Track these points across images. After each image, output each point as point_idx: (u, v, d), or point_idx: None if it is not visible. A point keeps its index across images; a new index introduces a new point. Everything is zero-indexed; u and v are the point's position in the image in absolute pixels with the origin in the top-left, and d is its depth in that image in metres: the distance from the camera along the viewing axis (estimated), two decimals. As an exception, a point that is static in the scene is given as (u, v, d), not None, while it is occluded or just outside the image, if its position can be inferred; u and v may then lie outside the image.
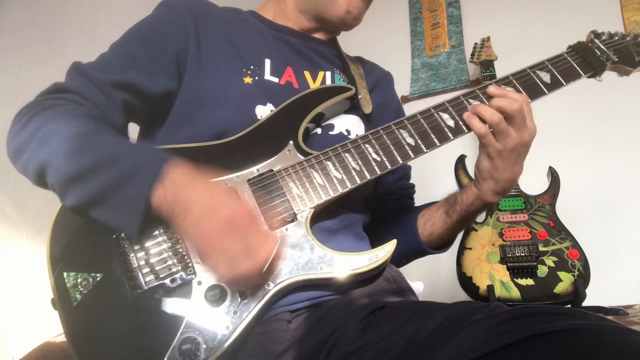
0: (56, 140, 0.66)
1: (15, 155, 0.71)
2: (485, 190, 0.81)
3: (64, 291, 0.64)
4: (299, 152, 0.77)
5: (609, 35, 0.94)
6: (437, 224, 0.89)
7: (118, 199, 0.63)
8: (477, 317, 0.52)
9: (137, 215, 0.63)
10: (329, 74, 0.93)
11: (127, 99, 0.77)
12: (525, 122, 0.76)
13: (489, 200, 0.82)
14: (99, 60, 0.80)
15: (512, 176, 0.78)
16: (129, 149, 0.67)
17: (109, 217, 0.65)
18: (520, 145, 0.76)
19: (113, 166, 0.63)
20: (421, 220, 0.91)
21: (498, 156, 0.77)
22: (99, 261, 0.67)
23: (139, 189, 0.62)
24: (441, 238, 0.90)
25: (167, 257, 0.68)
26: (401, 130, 0.79)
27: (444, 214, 0.88)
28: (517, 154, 0.77)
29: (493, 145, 0.76)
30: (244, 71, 0.84)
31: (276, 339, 0.69)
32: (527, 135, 0.76)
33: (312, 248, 0.70)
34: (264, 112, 0.81)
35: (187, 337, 0.63)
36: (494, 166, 0.78)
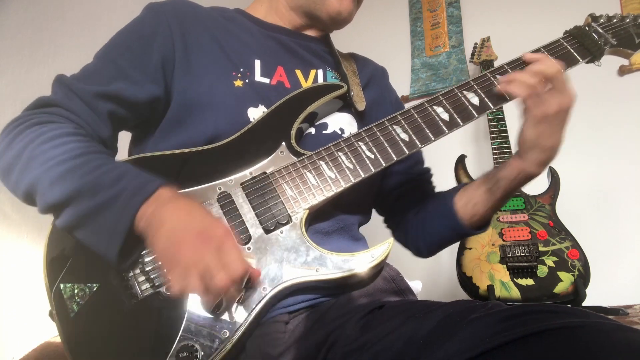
0: (42, 164, 0.65)
1: (3, 176, 0.71)
2: (531, 160, 0.78)
3: (62, 302, 0.65)
4: (292, 153, 0.77)
5: (607, 18, 0.92)
6: (480, 204, 0.86)
7: (97, 226, 0.63)
8: (475, 316, 0.53)
9: (116, 243, 0.62)
10: (320, 72, 0.92)
11: (112, 108, 0.77)
12: (565, 86, 0.75)
13: (533, 172, 0.80)
14: (82, 72, 0.79)
15: (557, 143, 0.77)
16: (115, 175, 0.65)
17: (90, 242, 0.65)
18: (563, 110, 0.74)
19: (96, 193, 0.63)
20: (460, 203, 0.89)
21: (543, 121, 0.74)
22: (95, 271, 0.67)
23: (119, 216, 0.62)
24: (484, 217, 0.88)
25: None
26: (394, 126, 0.78)
27: (486, 193, 0.85)
28: (561, 119, 0.75)
29: (536, 109, 0.75)
30: (234, 74, 0.83)
31: (274, 341, 0.69)
32: (567, 99, 0.75)
33: (307, 250, 0.70)
34: (256, 114, 0.80)
35: (185, 344, 0.63)
36: (539, 132, 0.75)
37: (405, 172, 0.98)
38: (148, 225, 0.62)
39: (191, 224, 0.61)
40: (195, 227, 0.60)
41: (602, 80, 2.06)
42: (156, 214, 0.62)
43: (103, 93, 0.76)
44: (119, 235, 0.62)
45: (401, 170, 0.98)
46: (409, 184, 0.99)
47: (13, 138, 0.70)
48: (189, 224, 0.61)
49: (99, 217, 0.63)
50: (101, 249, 0.64)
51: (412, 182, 0.99)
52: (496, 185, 0.83)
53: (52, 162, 0.65)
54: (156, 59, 0.79)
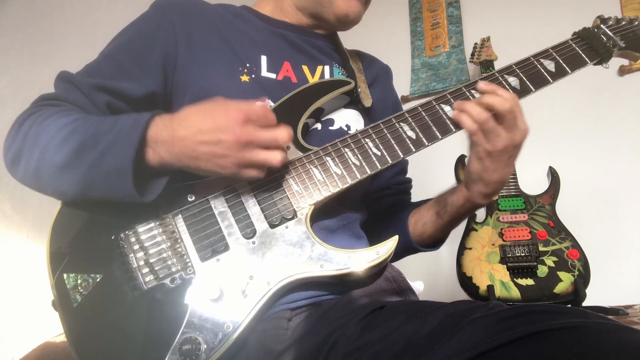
0: (45, 136, 0.67)
1: (13, 164, 0.72)
2: (475, 192, 0.79)
3: (64, 292, 0.65)
4: (298, 148, 0.77)
5: (616, 20, 0.91)
6: (428, 224, 0.88)
7: (106, 171, 0.64)
8: (476, 316, 0.52)
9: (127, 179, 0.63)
10: (327, 68, 0.92)
11: (110, 101, 0.78)
12: (517, 122, 0.72)
13: (479, 203, 0.80)
14: (85, 68, 0.81)
15: (502, 178, 0.76)
16: (110, 122, 0.67)
17: (107, 193, 0.65)
18: (511, 146, 0.73)
19: (96, 142, 0.64)
20: (412, 220, 0.90)
21: (488, 157, 0.74)
22: (98, 262, 0.67)
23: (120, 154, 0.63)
24: (432, 237, 0.89)
25: (167, 257, 0.67)
26: (402, 123, 0.78)
27: (434, 215, 0.87)
28: (508, 155, 0.74)
29: (482, 145, 0.73)
30: (240, 69, 0.83)
31: (276, 337, 0.69)
32: (518, 135, 0.73)
33: (312, 245, 0.70)
34: None
35: (188, 337, 0.63)
36: (484, 167, 0.75)
37: (389, 178, 1.00)
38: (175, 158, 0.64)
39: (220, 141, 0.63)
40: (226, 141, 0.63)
41: (602, 80, 2.06)
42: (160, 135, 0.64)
43: (101, 86, 0.77)
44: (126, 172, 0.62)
45: (386, 176, 0.99)
46: (385, 191, 1.00)
47: (18, 128, 0.72)
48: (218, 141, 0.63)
49: (103, 164, 0.64)
50: (119, 193, 0.65)
51: (389, 190, 1.00)
52: (443, 210, 0.85)
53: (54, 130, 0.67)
54: (156, 55, 0.80)
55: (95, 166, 0.64)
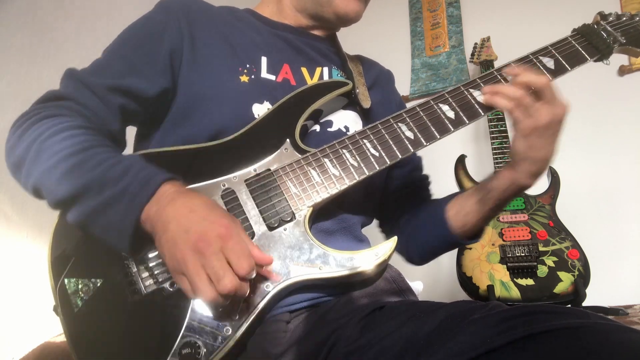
0: (48, 158, 0.65)
1: (15, 171, 0.71)
2: (522, 172, 0.77)
3: (66, 298, 0.65)
4: (296, 150, 0.76)
5: (617, 16, 0.90)
6: (470, 214, 0.85)
7: (107, 221, 0.63)
8: (476, 316, 0.52)
9: (125, 239, 0.62)
10: (326, 69, 0.93)
11: (124, 102, 0.77)
12: (555, 96, 0.73)
13: (525, 184, 0.78)
14: (93, 66, 0.80)
15: (548, 155, 0.75)
16: (121, 169, 0.65)
17: (102, 238, 0.65)
18: (554, 121, 0.73)
19: (103, 189, 0.63)
20: (451, 212, 0.88)
21: (533, 133, 0.73)
22: (99, 267, 0.67)
23: (125, 212, 0.62)
24: (474, 228, 0.87)
25: None
26: (400, 123, 0.77)
27: (476, 203, 0.84)
28: (552, 131, 0.73)
29: (525, 121, 0.73)
30: (239, 70, 0.83)
31: (275, 340, 0.68)
32: (559, 109, 0.73)
33: (311, 248, 0.70)
34: (261, 111, 0.81)
35: (187, 341, 0.63)
36: (529, 145, 0.74)
37: (403, 177, 0.98)
38: (153, 227, 0.62)
39: (192, 227, 0.59)
40: (196, 231, 0.58)
41: (602, 80, 2.06)
42: (160, 215, 0.61)
43: (116, 87, 0.76)
44: (126, 234, 0.62)
45: (399, 176, 0.98)
46: (405, 190, 0.99)
47: (22, 133, 0.70)
48: (190, 227, 0.59)
49: (106, 214, 0.63)
50: (112, 243, 0.64)
51: (408, 189, 0.99)
52: (487, 196, 0.82)
53: (58, 156, 0.65)
54: (165, 52, 0.80)
55: (96, 213, 0.63)
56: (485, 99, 0.77)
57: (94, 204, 0.63)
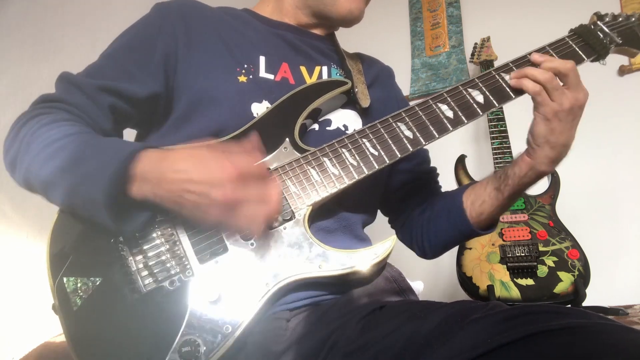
0: (35, 147, 0.67)
1: (12, 168, 0.73)
2: (541, 157, 0.77)
3: (65, 296, 0.65)
4: (295, 149, 0.77)
5: (613, 16, 0.91)
6: (487, 202, 0.85)
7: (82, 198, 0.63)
8: (476, 316, 0.53)
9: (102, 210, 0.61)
10: (325, 68, 0.93)
11: (113, 102, 0.78)
12: (579, 82, 0.75)
13: (544, 170, 0.78)
14: (87, 69, 0.81)
15: (568, 140, 0.76)
16: (96, 147, 0.66)
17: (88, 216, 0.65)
18: (576, 106, 0.74)
19: (77, 166, 0.64)
20: (468, 201, 0.88)
21: (555, 117, 0.74)
22: (98, 265, 0.67)
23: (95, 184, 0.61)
24: (491, 217, 0.87)
25: (166, 260, 0.68)
26: (399, 123, 0.78)
27: (494, 191, 0.84)
28: (574, 116, 0.74)
29: (549, 104, 0.74)
30: (237, 70, 0.83)
31: (276, 338, 0.69)
32: (582, 95, 0.75)
33: (310, 246, 0.70)
34: (260, 110, 0.81)
35: (187, 339, 0.63)
36: (551, 129, 0.74)
37: (411, 170, 0.98)
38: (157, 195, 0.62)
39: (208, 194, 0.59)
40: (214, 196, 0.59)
41: (602, 80, 2.06)
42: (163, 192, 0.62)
43: (105, 87, 0.77)
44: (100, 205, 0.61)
45: (407, 169, 0.98)
46: (414, 183, 0.99)
47: (16, 133, 0.72)
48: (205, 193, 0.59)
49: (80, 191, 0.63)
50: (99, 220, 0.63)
51: (418, 181, 0.99)
52: (504, 183, 0.82)
53: (44, 143, 0.67)
54: (158, 56, 0.81)
55: (73, 191, 0.64)
56: (513, 83, 0.78)
57: (69, 183, 0.63)
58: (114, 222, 0.63)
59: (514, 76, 0.78)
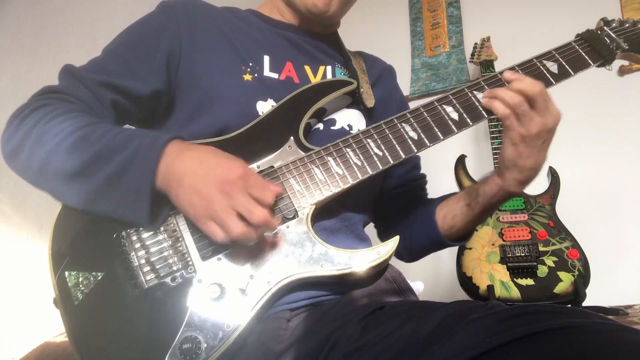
0: (53, 137, 0.66)
1: (12, 157, 0.71)
2: (509, 179, 0.77)
3: (66, 290, 0.65)
4: (300, 148, 0.77)
5: (620, 22, 0.91)
6: (459, 217, 0.86)
7: (123, 189, 0.64)
8: (475, 316, 0.53)
9: (145, 203, 0.64)
10: (329, 68, 0.93)
11: (115, 98, 0.78)
12: (548, 105, 0.73)
13: (513, 191, 0.79)
14: (90, 63, 0.81)
15: (537, 164, 0.75)
16: (125, 136, 0.67)
17: (115, 210, 0.66)
18: (544, 131, 0.73)
19: (111, 156, 0.64)
20: (440, 213, 0.89)
21: (522, 142, 0.73)
22: (100, 260, 0.67)
23: (140, 176, 0.63)
24: (462, 230, 0.88)
25: (168, 256, 0.67)
26: (404, 124, 0.78)
27: (465, 207, 0.85)
28: (542, 140, 0.73)
29: (516, 129, 0.73)
30: (243, 68, 0.83)
31: (276, 337, 0.69)
32: (551, 119, 0.73)
33: (313, 245, 0.70)
34: (265, 108, 0.81)
35: (188, 336, 0.63)
36: (518, 153, 0.74)
37: (401, 176, 0.99)
38: (166, 184, 0.64)
39: (211, 173, 0.62)
40: (215, 177, 0.62)
41: (602, 80, 2.06)
42: (171, 170, 0.63)
43: (108, 83, 0.77)
44: (145, 197, 0.63)
45: (397, 174, 0.98)
46: (402, 189, 0.99)
47: (20, 121, 0.71)
48: (208, 173, 0.62)
49: (119, 182, 0.64)
50: (129, 215, 0.65)
51: (405, 187, 1.00)
52: (475, 201, 0.83)
53: (63, 134, 0.66)
54: (161, 54, 0.80)
55: (111, 183, 0.64)
56: (485, 102, 0.77)
57: (105, 173, 0.64)
58: (149, 216, 0.64)
59: (486, 95, 0.77)
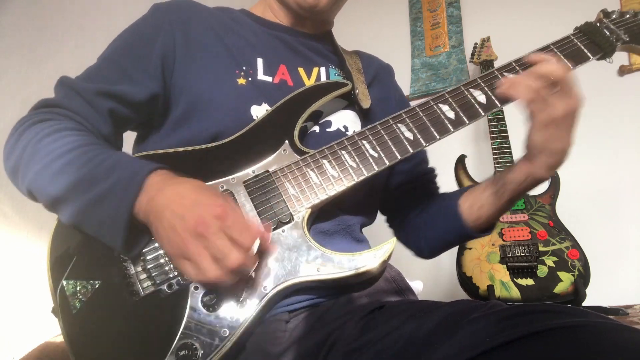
0: (42, 159, 0.67)
1: (13, 175, 0.72)
2: (539, 164, 0.75)
3: (65, 299, 0.65)
4: (295, 152, 0.76)
5: (620, 14, 0.89)
6: (485, 207, 0.84)
7: (98, 218, 0.64)
8: (476, 315, 0.52)
9: (119, 234, 0.63)
10: (323, 69, 0.92)
11: (113, 107, 0.77)
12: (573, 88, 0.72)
13: (542, 176, 0.76)
14: (85, 72, 0.80)
15: (566, 146, 0.73)
16: (108, 165, 0.66)
17: (97, 235, 0.66)
18: (571, 113, 0.71)
19: (91, 186, 0.64)
20: (465, 205, 0.87)
21: (551, 124, 0.71)
22: (97, 268, 0.67)
23: (115, 208, 0.63)
24: (488, 221, 0.86)
25: (164, 263, 0.67)
26: (399, 124, 0.77)
27: (492, 196, 0.83)
28: (570, 122, 0.71)
29: (543, 112, 0.71)
30: (237, 72, 0.83)
31: (275, 339, 0.68)
32: (576, 101, 0.71)
33: (309, 249, 0.69)
34: (260, 112, 0.80)
35: (184, 342, 0.63)
36: (548, 136, 0.72)
37: (409, 171, 0.98)
38: (147, 218, 0.63)
39: (187, 213, 0.59)
40: (191, 216, 0.58)
41: (602, 80, 2.06)
42: (152, 205, 0.62)
43: (105, 91, 0.77)
44: (120, 227, 0.63)
45: (405, 170, 0.97)
46: (412, 184, 0.98)
47: (17, 138, 0.72)
48: (184, 213, 0.59)
49: (97, 210, 0.64)
50: (108, 241, 0.65)
51: (416, 182, 0.98)
52: (503, 188, 0.81)
53: (50, 157, 0.66)
54: (156, 56, 0.80)
55: (88, 211, 0.64)
56: (503, 90, 0.74)
57: (84, 201, 0.64)
58: (125, 244, 0.64)
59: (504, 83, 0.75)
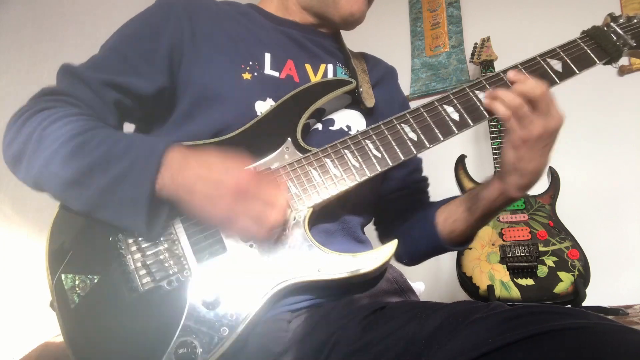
0: (51, 143, 0.66)
1: (15, 163, 0.71)
2: (510, 184, 0.75)
3: (62, 293, 0.64)
4: (298, 150, 0.75)
5: (627, 18, 0.87)
6: (459, 221, 0.84)
7: (119, 199, 0.64)
8: (477, 316, 0.52)
9: (142, 212, 0.63)
10: (330, 66, 0.91)
11: (119, 98, 0.77)
12: (550, 108, 0.71)
13: (513, 196, 0.76)
14: (90, 61, 0.79)
15: (538, 168, 0.73)
16: (123, 144, 0.66)
17: (114, 218, 0.65)
18: (546, 134, 0.70)
19: (109, 166, 0.64)
20: (440, 218, 0.87)
21: (523, 145, 0.71)
22: (96, 263, 0.67)
23: (137, 185, 0.63)
24: (463, 235, 0.86)
25: (164, 259, 0.67)
26: (403, 124, 0.76)
27: (465, 211, 0.83)
28: (544, 144, 0.71)
29: (517, 132, 0.71)
30: (242, 67, 0.82)
31: (276, 339, 0.68)
32: (553, 122, 0.70)
33: (310, 249, 0.69)
34: (264, 108, 0.80)
35: (183, 340, 0.62)
36: (519, 156, 0.72)
37: (402, 178, 0.97)
38: (175, 194, 0.64)
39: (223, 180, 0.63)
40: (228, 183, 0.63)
41: (602, 80, 2.06)
42: (178, 180, 0.64)
43: (111, 82, 0.76)
44: (143, 205, 0.63)
45: (399, 176, 0.97)
46: (403, 191, 0.98)
47: (20, 126, 0.70)
48: (220, 180, 0.63)
49: (117, 191, 0.63)
50: (128, 223, 0.65)
51: (406, 190, 0.98)
52: (475, 205, 0.81)
53: (60, 141, 0.66)
54: (164, 49, 0.79)
55: (107, 192, 0.64)
56: (486, 103, 0.75)
57: (102, 182, 0.64)
58: (147, 223, 0.64)
59: (487, 96, 0.75)
